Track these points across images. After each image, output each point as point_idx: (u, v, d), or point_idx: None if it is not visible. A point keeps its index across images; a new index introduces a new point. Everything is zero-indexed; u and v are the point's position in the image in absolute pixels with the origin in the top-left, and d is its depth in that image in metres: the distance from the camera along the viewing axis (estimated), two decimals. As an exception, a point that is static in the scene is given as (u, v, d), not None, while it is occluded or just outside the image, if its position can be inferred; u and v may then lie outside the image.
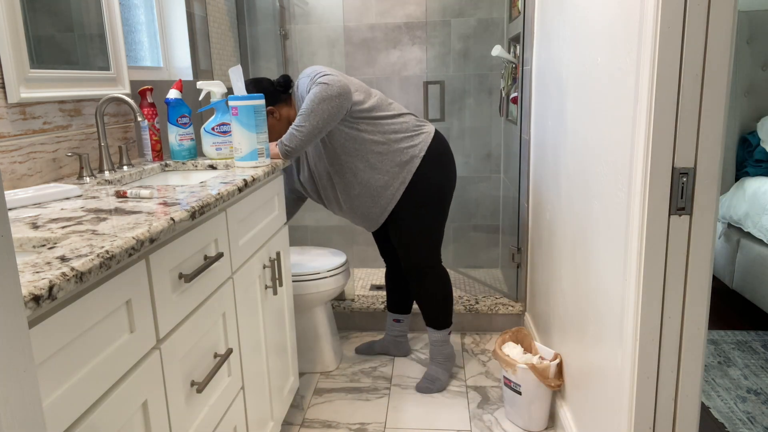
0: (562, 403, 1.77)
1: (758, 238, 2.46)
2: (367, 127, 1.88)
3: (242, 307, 1.38)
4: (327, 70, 1.81)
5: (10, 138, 1.28)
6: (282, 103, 1.95)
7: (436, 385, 2.09)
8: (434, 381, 2.10)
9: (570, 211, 1.64)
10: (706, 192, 1.05)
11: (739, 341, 2.36)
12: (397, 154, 1.91)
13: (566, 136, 1.67)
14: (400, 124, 1.92)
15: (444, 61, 2.83)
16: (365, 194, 1.96)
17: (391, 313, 2.31)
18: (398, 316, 2.30)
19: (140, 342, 0.89)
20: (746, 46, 2.80)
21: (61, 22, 1.45)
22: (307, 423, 1.91)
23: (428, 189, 1.95)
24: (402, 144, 1.91)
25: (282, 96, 1.95)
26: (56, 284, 0.66)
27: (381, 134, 1.89)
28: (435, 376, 2.11)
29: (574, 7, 1.57)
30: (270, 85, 1.94)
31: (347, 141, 1.88)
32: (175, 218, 0.97)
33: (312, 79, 1.80)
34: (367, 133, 1.88)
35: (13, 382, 0.45)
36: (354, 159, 1.90)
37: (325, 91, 1.74)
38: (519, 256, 2.49)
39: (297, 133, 1.74)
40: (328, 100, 1.74)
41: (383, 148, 1.90)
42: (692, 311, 1.10)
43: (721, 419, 1.83)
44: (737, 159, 2.83)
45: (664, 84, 1.01)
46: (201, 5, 2.27)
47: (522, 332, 1.97)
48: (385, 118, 1.90)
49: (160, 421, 0.95)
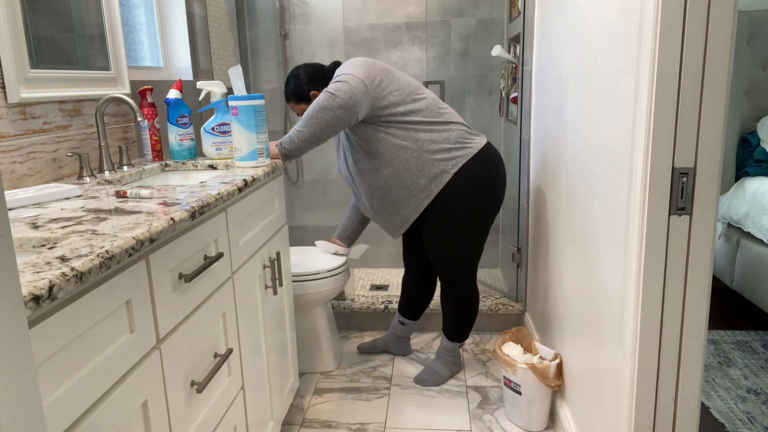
0: (562, 403, 1.77)
1: (758, 238, 2.46)
2: (396, 131, 1.80)
3: (242, 307, 1.38)
4: (351, 74, 1.74)
5: (10, 138, 1.28)
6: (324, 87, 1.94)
7: (433, 378, 2.10)
8: (433, 374, 2.11)
9: (570, 211, 1.64)
10: (706, 192, 1.05)
11: (739, 341, 2.36)
12: (427, 165, 1.82)
13: (566, 136, 1.67)
14: (440, 133, 1.82)
15: (444, 61, 2.83)
16: (387, 198, 1.89)
17: (398, 314, 2.30)
18: (405, 320, 2.28)
19: (140, 342, 0.89)
20: (746, 46, 2.80)
21: (61, 22, 1.45)
22: (307, 423, 1.91)
23: (460, 208, 1.85)
24: (435, 155, 1.82)
25: (326, 80, 1.94)
26: (56, 284, 0.66)
27: (411, 141, 1.81)
28: (436, 370, 2.12)
29: (574, 7, 1.57)
30: (321, 70, 1.95)
31: (371, 143, 1.82)
32: (175, 218, 0.97)
33: (335, 77, 1.77)
34: (397, 137, 1.80)
35: (13, 382, 0.45)
36: (378, 161, 1.84)
37: (327, 101, 1.71)
38: (519, 256, 2.49)
39: (295, 137, 1.73)
40: (329, 110, 1.70)
41: (411, 155, 1.81)
42: (692, 311, 1.10)
43: (721, 419, 1.83)
44: (737, 159, 2.83)
45: (664, 84, 1.01)
46: (201, 5, 2.27)
47: (522, 332, 1.97)
48: (424, 124, 1.81)
49: (160, 421, 0.95)
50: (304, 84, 1.92)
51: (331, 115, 1.70)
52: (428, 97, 1.86)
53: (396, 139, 1.81)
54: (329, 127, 1.72)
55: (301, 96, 1.93)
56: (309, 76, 1.92)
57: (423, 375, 2.12)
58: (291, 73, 1.96)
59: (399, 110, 1.80)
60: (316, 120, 1.71)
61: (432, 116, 1.83)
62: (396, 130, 1.81)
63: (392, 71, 1.84)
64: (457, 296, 2.02)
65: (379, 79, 1.79)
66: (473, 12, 2.76)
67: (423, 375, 2.12)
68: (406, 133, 1.81)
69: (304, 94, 1.93)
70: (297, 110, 1.98)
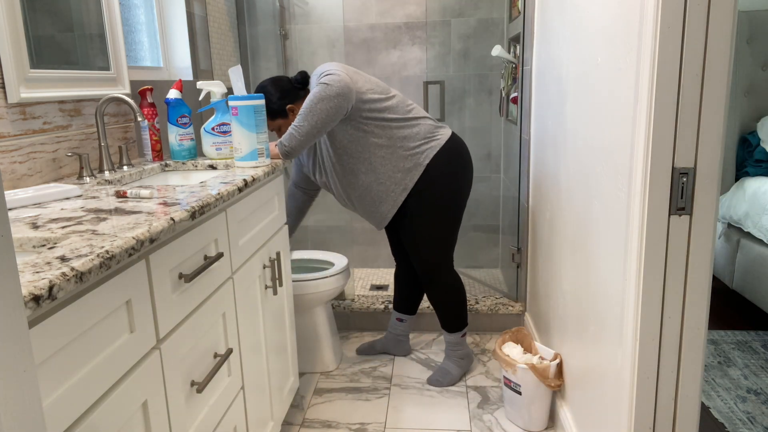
0: (562, 403, 1.77)
1: (758, 238, 2.46)
2: (374, 129, 1.86)
3: (242, 307, 1.38)
4: (334, 69, 1.80)
5: (10, 138, 1.28)
6: (300, 100, 1.93)
7: (446, 379, 2.11)
8: (446, 375, 2.12)
9: (570, 211, 1.64)
10: (706, 192, 1.05)
11: (739, 341, 2.36)
12: (400, 160, 1.89)
13: (566, 136, 1.67)
14: (411, 129, 1.89)
15: (444, 61, 2.83)
16: (366, 196, 1.95)
17: (395, 312, 2.31)
18: (402, 315, 2.29)
19: (140, 342, 0.89)
20: (746, 46, 2.80)
21: (61, 22, 1.45)
22: (307, 423, 1.91)
23: (436, 196, 1.93)
24: (408, 151, 1.89)
25: (300, 93, 1.94)
26: (56, 284, 0.66)
27: (387, 138, 1.87)
28: (447, 369, 2.13)
29: (574, 7, 1.57)
30: (288, 83, 1.94)
31: (351, 142, 1.87)
32: (175, 218, 0.97)
33: (318, 77, 1.80)
34: (373, 135, 1.86)
35: (13, 382, 0.45)
36: (356, 161, 1.89)
37: (323, 91, 1.74)
38: (519, 256, 2.49)
39: (295, 132, 1.74)
40: (327, 99, 1.73)
41: (386, 152, 1.88)
42: (692, 311, 1.10)
43: (721, 419, 1.83)
44: (737, 159, 2.83)
45: (664, 84, 1.01)
46: (201, 5, 2.27)
47: (522, 332, 1.97)
48: (397, 121, 1.88)
49: (160, 421, 0.95)
50: (277, 99, 1.90)
51: (330, 104, 1.74)
52: (397, 94, 1.93)
53: (371, 137, 1.87)
54: (329, 117, 1.75)
55: (276, 112, 1.92)
56: (279, 91, 1.91)
57: (436, 376, 2.13)
58: (258, 92, 1.93)
59: (377, 106, 1.85)
60: (315, 112, 1.73)
61: (402, 113, 1.90)
62: (372, 128, 1.86)
63: (362, 72, 1.90)
64: (441, 286, 2.04)
65: (356, 77, 1.84)
66: (473, 12, 2.76)
67: (436, 376, 2.13)
68: (381, 131, 1.87)
69: (277, 110, 1.92)
70: (272, 126, 1.96)
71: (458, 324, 2.10)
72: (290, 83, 1.94)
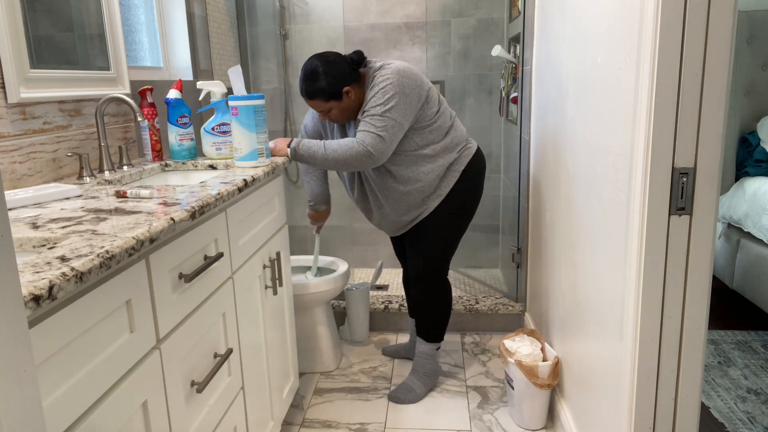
0: (562, 403, 1.77)
1: (758, 238, 2.46)
2: (419, 141, 1.82)
3: (242, 307, 1.38)
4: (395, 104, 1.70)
5: (10, 138, 1.28)
6: (355, 82, 1.78)
7: (409, 396, 2.00)
8: (409, 392, 2.01)
9: (570, 211, 1.64)
10: (706, 192, 1.05)
11: (739, 341, 2.36)
12: (441, 168, 1.87)
13: (566, 136, 1.67)
14: (452, 136, 1.87)
15: (444, 61, 2.83)
16: (403, 202, 1.90)
17: (412, 320, 2.28)
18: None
19: (140, 342, 0.89)
20: (746, 46, 2.80)
21: (61, 22, 1.45)
22: (307, 423, 1.91)
23: (459, 202, 1.91)
24: (448, 159, 1.87)
25: (355, 74, 1.79)
26: (56, 284, 0.66)
27: (437, 144, 1.84)
28: (411, 386, 2.02)
29: (574, 7, 1.57)
30: (346, 63, 1.78)
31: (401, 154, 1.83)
32: (175, 218, 0.97)
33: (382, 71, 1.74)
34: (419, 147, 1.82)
35: (13, 382, 0.45)
36: (400, 168, 1.84)
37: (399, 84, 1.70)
38: (519, 256, 2.49)
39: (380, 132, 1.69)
40: (357, 158, 1.69)
41: (434, 159, 1.85)
42: (692, 311, 1.10)
43: (721, 419, 1.83)
44: (737, 159, 2.83)
45: (664, 84, 1.01)
46: (201, 5, 2.27)
47: (535, 334, 1.96)
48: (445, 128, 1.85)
49: (160, 421, 0.95)
50: (337, 80, 1.74)
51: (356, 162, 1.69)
52: (443, 104, 1.89)
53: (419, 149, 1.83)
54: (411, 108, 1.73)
55: (333, 94, 1.75)
56: (339, 70, 1.75)
57: (397, 393, 2.01)
58: (312, 68, 1.75)
59: (426, 123, 1.81)
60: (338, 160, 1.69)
61: (449, 117, 1.89)
62: (419, 139, 1.82)
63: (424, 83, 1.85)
64: (434, 291, 1.98)
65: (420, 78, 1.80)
66: (473, 12, 2.76)
67: (397, 393, 2.01)
68: (422, 140, 1.82)
69: (337, 91, 1.75)
70: (324, 108, 1.78)
71: (437, 334, 2.02)
72: (348, 63, 1.79)
